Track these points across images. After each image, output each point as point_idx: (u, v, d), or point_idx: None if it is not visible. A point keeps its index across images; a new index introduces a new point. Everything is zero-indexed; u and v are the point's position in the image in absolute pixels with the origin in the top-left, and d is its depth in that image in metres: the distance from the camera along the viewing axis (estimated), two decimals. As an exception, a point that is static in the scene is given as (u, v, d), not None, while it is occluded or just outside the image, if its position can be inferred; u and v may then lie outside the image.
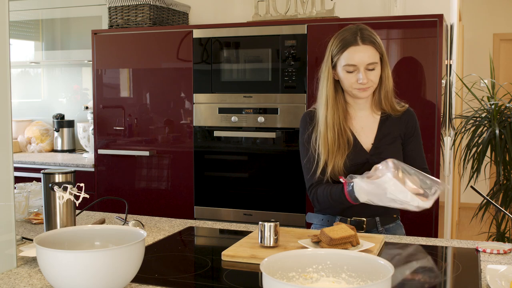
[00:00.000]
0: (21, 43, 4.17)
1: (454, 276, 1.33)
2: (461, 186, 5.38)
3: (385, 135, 1.92)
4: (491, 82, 3.68)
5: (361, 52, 1.81)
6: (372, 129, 1.93)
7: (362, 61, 1.81)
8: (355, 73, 1.83)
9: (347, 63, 1.82)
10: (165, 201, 3.24)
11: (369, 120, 1.94)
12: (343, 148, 1.86)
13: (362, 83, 1.82)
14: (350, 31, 1.86)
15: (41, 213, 1.91)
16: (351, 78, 1.83)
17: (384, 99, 1.91)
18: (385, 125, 1.93)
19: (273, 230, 1.52)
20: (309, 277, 1.09)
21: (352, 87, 1.85)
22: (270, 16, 3.17)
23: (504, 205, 3.41)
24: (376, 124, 1.94)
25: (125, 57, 3.31)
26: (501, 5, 6.44)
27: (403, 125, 1.94)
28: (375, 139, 1.92)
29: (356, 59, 1.81)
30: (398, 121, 1.94)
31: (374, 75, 1.84)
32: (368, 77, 1.83)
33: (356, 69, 1.82)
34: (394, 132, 1.93)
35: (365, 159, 1.88)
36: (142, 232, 1.23)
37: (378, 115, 1.95)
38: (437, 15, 2.71)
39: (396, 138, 1.93)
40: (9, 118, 1.39)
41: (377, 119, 1.95)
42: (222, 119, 3.07)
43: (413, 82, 2.77)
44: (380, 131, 1.92)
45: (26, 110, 4.40)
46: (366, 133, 1.93)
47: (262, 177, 3.02)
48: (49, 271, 1.11)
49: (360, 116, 1.95)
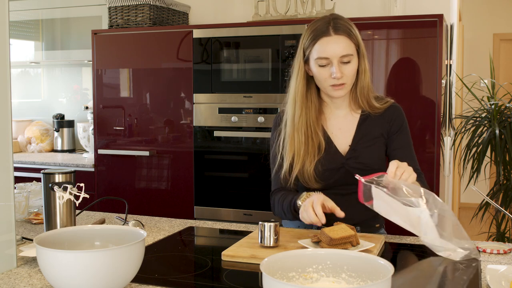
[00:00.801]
0: (21, 43, 4.17)
1: (454, 276, 1.33)
2: (461, 186, 5.38)
3: (363, 135, 1.75)
4: (491, 82, 3.68)
5: (333, 43, 1.63)
6: (350, 130, 1.76)
7: (335, 53, 1.63)
8: (328, 67, 1.65)
9: (319, 55, 1.65)
10: (165, 201, 3.24)
11: (347, 120, 1.78)
12: (312, 153, 1.70)
13: (336, 78, 1.64)
14: (322, 20, 1.69)
15: (41, 213, 1.91)
16: (324, 73, 1.66)
17: (360, 96, 1.74)
18: (364, 124, 1.76)
19: (273, 230, 1.51)
20: (309, 277, 1.09)
21: (326, 83, 1.67)
22: (270, 16, 3.17)
23: (504, 205, 3.41)
24: (354, 124, 1.77)
25: (125, 57, 3.31)
26: (501, 5, 6.44)
27: (385, 123, 1.76)
28: (352, 141, 1.75)
29: (328, 51, 1.63)
30: (380, 119, 1.76)
31: (350, 69, 1.67)
32: (343, 71, 1.65)
33: (329, 62, 1.65)
34: (374, 131, 1.75)
35: (341, 164, 1.72)
36: (142, 232, 1.23)
37: (358, 113, 1.78)
38: (437, 15, 2.71)
39: (377, 138, 1.75)
40: (9, 118, 1.39)
41: (356, 119, 1.77)
42: (222, 119, 3.07)
43: (413, 82, 2.77)
44: (359, 132, 1.75)
45: (26, 110, 4.40)
46: (344, 135, 1.76)
47: (262, 177, 3.02)
48: (49, 271, 1.11)
49: (337, 115, 1.78)
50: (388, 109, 1.77)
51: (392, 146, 1.76)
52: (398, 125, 1.77)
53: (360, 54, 1.70)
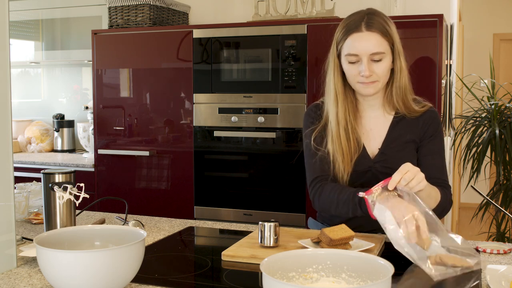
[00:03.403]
0: (21, 43, 4.17)
1: (454, 276, 1.33)
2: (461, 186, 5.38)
3: (395, 139, 1.66)
4: (491, 82, 3.68)
5: (364, 40, 1.56)
6: (381, 131, 1.68)
7: (365, 50, 1.56)
8: (358, 64, 1.58)
9: (349, 51, 1.58)
10: (165, 201, 3.24)
11: (379, 121, 1.69)
12: (353, 150, 1.64)
13: (364, 76, 1.57)
14: (357, 15, 1.62)
15: (41, 213, 1.91)
16: (353, 70, 1.59)
17: (396, 96, 1.65)
18: (396, 127, 1.68)
19: (273, 230, 1.51)
20: (309, 277, 1.09)
21: (355, 81, 1.61)
22: (270, 16, 3.17)
23: (504, 205, 3.41)
24: (387, 126, 1.68)
25: (125, 57, 3.31)
26: (501, 5, 6.44)
27: (419, 128, 1.67)
28: (382, 144, 1.67)
29: (358, 47, 1.56)
30: (414, 123, 1.67)
31: (381, 67, 1.59)
32: (373, 69, 1.58)
33: (358, 59, 1.58)
34: (405, 135, 1.66)
35: (368, 167, 1.65)
36: (142, 232, 1.22)
37: (391, 115, 1.69)
38: (437, 15, 2.71)
39: (408, 143, 1.66)
40: (9, 118, 1.38)
41: (389, 120, 1.69)
42: (222, 119, 3.07)
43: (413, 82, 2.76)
44: (390, 135, 1.67)
45: (26, 110, 4.40)
46: (374, 136, 1.68)
47: (262, 177, 3.02)
48: (49, 271, 1.11)
49: (370, 116, 1.70)
50: (425, 114, 1.68)
51: (422, 152, 1.67)
52: (432, 131, 1.68)
53: (395, 53, 1.61)
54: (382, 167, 1.63)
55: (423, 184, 1.41)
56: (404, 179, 1.38)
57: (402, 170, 1.40)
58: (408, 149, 1.66)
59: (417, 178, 1.40)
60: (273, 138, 2.97)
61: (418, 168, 1.42)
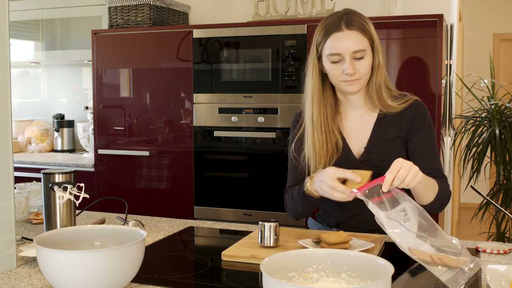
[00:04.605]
0: (21, 43, 4.17)
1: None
2: (461, 186, 5.38)
3: (379, 137, 1.66)
4: (491, 82, 3.68)
5: (345, 39, 1.57)
6: (366, 131, 1.68)
7: (346, 48, 1.57)
8: (341, 63, 1.59)
9: (331, 51, 1.59)
10: (165, 201, 3.24)
11: (363, 120, 1.69)
12: (331, 152, 1.64)
13: (348, 74, 1.57)
14: (335, 15, 1.63)
15: (41, 213, 1.91)
16: (337, 69, 1.59)
17: (371, 92, 1.65)
18: (381, 125, 1.67)
19: (273, 230, 1.51)
20: (309, 277, 1.09)
21: (338, 80, 1.61)
22: (270, 16, 3.17)
23: (504, 205, 3.41)
24: (371, 124, 1.68)
25: (125, 57, 3.31)
26: (501, 5, 6.44)
27: (404, 123, 1.66)
28: (367, 143, 1.66)
29: (340, 46, 1.57)
30: (399, 118, 1.66)
31: (364, 65, 1.60)
32: (356, 67, 1.58)
33: (341, 58, 1.58)
34: (390, 132, 1.66)
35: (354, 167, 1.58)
36: (142, 232, 1.23)
37: (376, 113, 1.68)
38: (437, 15, 2.71)
39: (394, 140, 1.65)
40: (9, 118, 1.39)
41: (373, 119, 1.69)
42: (222, 119, 3.07)
43: (413, 82, 2.77)
44: (375, 133, 1.66)
45: (26, 110, 4.40)
46: (360, 136, 1.68)
47: (262, 177, 3.02)
48: (49, 271, 1.11)
49: (353, 116, 1.70)
50: (409, 107, 1.66)
51: (412, 144, 1.65)
52: (418, 122, 1.65)
53: (375, 49, 1.62)
54: (368, 167, 1.59)
55: (419, 178, 1.40)
56: (397, 178, 1.36)
57: (395, 168, 1.37)
58: (394, 146, 1.65)
59: (411, 174, 1.38)
60: (273, 138, 2.98)
61: (410, 163, 1.39)
